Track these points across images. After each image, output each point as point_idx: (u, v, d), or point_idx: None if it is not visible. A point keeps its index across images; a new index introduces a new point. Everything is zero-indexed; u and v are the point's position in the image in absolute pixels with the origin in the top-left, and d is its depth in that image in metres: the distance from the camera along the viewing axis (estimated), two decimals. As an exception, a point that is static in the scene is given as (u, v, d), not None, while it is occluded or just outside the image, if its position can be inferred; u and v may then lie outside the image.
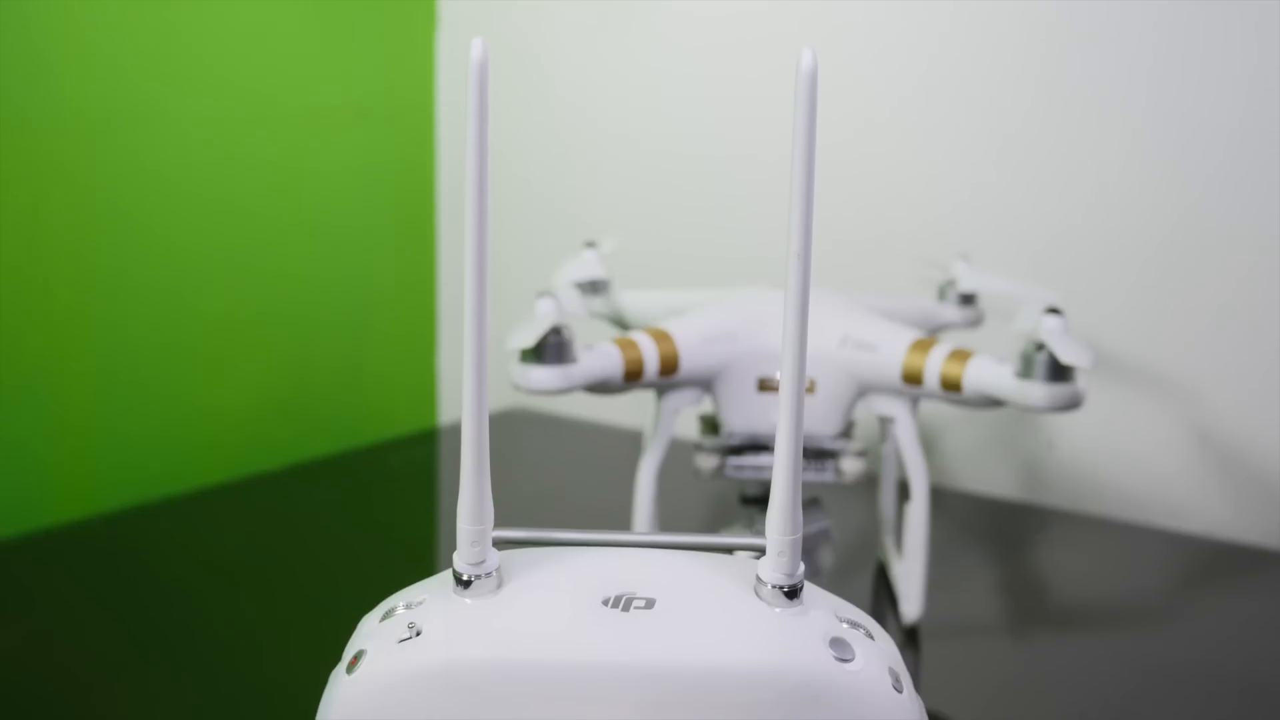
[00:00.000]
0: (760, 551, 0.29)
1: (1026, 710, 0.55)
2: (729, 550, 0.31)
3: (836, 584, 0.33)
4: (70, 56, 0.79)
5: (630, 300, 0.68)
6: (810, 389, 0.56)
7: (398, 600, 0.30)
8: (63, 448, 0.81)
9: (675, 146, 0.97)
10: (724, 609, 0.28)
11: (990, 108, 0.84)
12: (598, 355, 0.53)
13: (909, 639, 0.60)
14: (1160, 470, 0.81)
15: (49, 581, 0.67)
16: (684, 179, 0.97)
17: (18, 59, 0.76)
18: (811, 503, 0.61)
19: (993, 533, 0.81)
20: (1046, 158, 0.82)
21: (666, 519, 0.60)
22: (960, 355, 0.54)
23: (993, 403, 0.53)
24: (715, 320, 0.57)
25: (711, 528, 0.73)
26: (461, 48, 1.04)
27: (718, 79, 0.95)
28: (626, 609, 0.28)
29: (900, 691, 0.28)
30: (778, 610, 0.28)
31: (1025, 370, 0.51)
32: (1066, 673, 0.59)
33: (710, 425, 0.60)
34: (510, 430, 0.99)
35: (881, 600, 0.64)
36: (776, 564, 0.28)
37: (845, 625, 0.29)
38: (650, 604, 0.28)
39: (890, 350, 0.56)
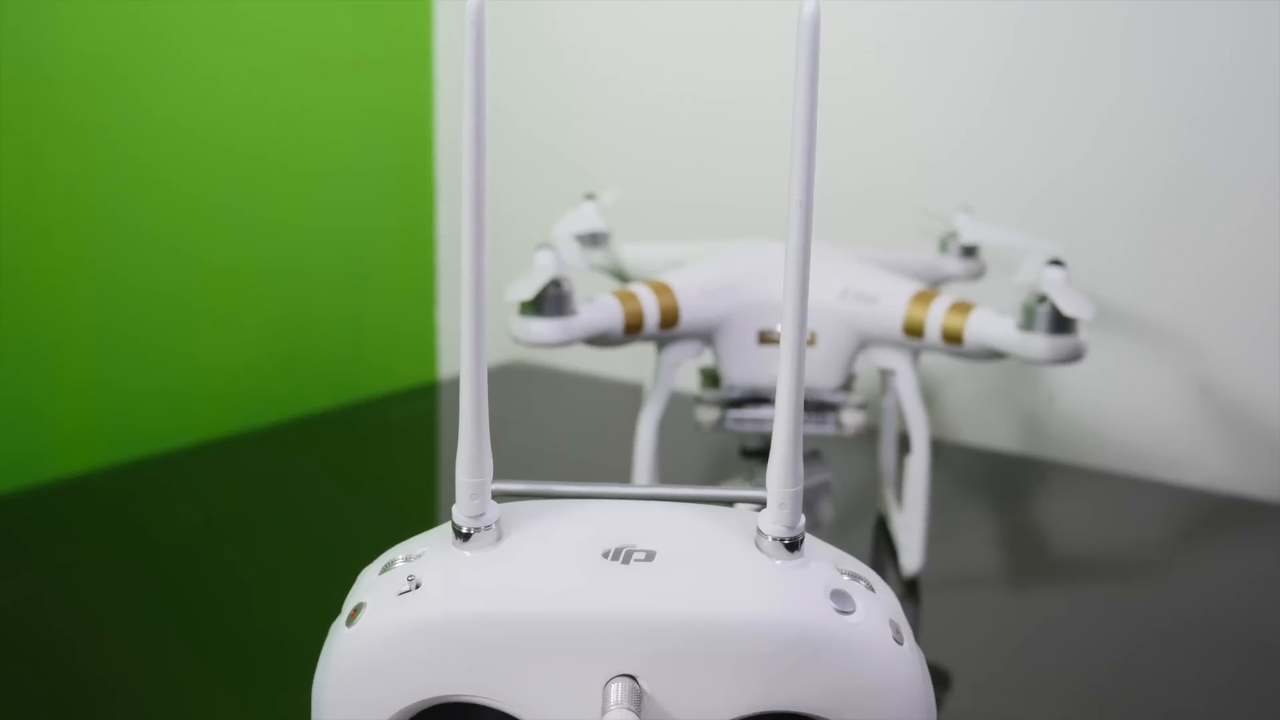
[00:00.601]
0: (761, 504, 0.29)
1: (1026, 662, 0.56)
2: (729, 503, 0.31)
3: (837, 536, 0.33)
4: (70, 6, 0.78)
5: (630, 253, 0.68)
6: (811, 341, 0.56)
7: (397, 553, 0.30)
8: (61, 402, 0.81)
9: (676, 95, 0.96)
10: (724, 561, 0.28)
11: (989, 55, 0.83)
12: (597, 308, 0.53)
13: (909, 591, 0.60)
14: (1161, 423, 0.81)
15: (47, 536, 0.67)
16: (685, 129, 0.96)
17: (17, 6, 0.75)
18: (812, 455, 0.61)
19: (993, 485, 0.81)
20: (1045, 106, 0.82)
21: (667, 472, 0.60)
22: (962, 307, 0.54)
23: (994, 355, 0.53)
24: (715, 272, 0.57)
25: (712, 481, 0.73)
26: (459, -2, 1.03)
27: (719, 28, 0.94)
28: (626, 561, 0.28)
29: (901, 643, 0.28)
30: (778, 562, 0.28)
31: (1027, 322, 0.51)
32: (1066, 625, 0.59)
33: (710, 378, 0.60)
34: (510, 384, 0.99)
35: (881, 552, 0.64)
36: (777, 516, 0.28)
37: (846, 577, 0.29)
38: (650, 556, 0.28)
39: (891, 302, 0.55)
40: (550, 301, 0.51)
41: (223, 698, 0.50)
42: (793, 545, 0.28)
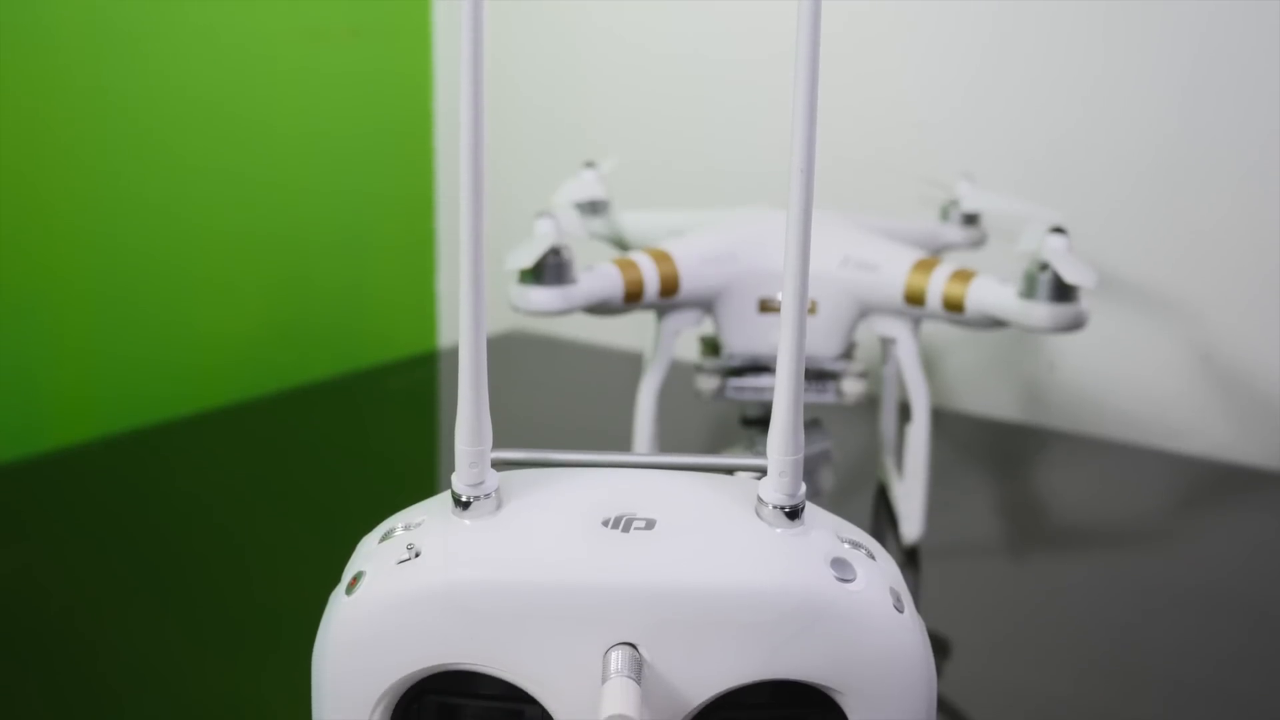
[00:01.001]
0: (761, 472, 0.29)
1: (1025, 630, 0.56)
2: (730, 471, 0.31)
3: (837, 505, 0.33)
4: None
5: (630, 221, 0.67)
6: (811, 310, 0.56)
7: (396, 521, 0.30)
8: (60, 371, 0.81)
9: (676, 62, 0.96)
10: (725, 529, 0.28)
11: (991, 22, 0.83)
12: (597, 276, 0.52)
13: (909, 559, 0.60)
14: (1161, 391, 0.81)
15: (46, 506, 0.67)
16: (685, 96, 0.96)
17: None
18: (812, 424, 0.60)
19: (993, 454, 0.81)
20: (1046, 72, 0.81)
21: (667, 441, 0.60)
22: (963, 275, 0.54)
23: (995, 323, 0.53)
24: (716, 240, 0.57)
25: (712, 449, 0.73)
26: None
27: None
28: (626, 530, 0.28)
29: (901, 611, 0.28)
30: (779, 530, 0.28)
31: (1028, 290, 0.51)
32: (1065, 593, 0.59)
33: (711, 346, 0.60)
34: (509, 353, 0.98)
35: (882, 521, 0.64)
36: (778, 484, 0.28)
37: (846, 545, 0.29)
38: (650, 524, 0.28)
39: (892, 270, 0.55)
40: (550, 270, 0.50)
41: (222, 667, 0.51)
42: (793, 513, 0.28)
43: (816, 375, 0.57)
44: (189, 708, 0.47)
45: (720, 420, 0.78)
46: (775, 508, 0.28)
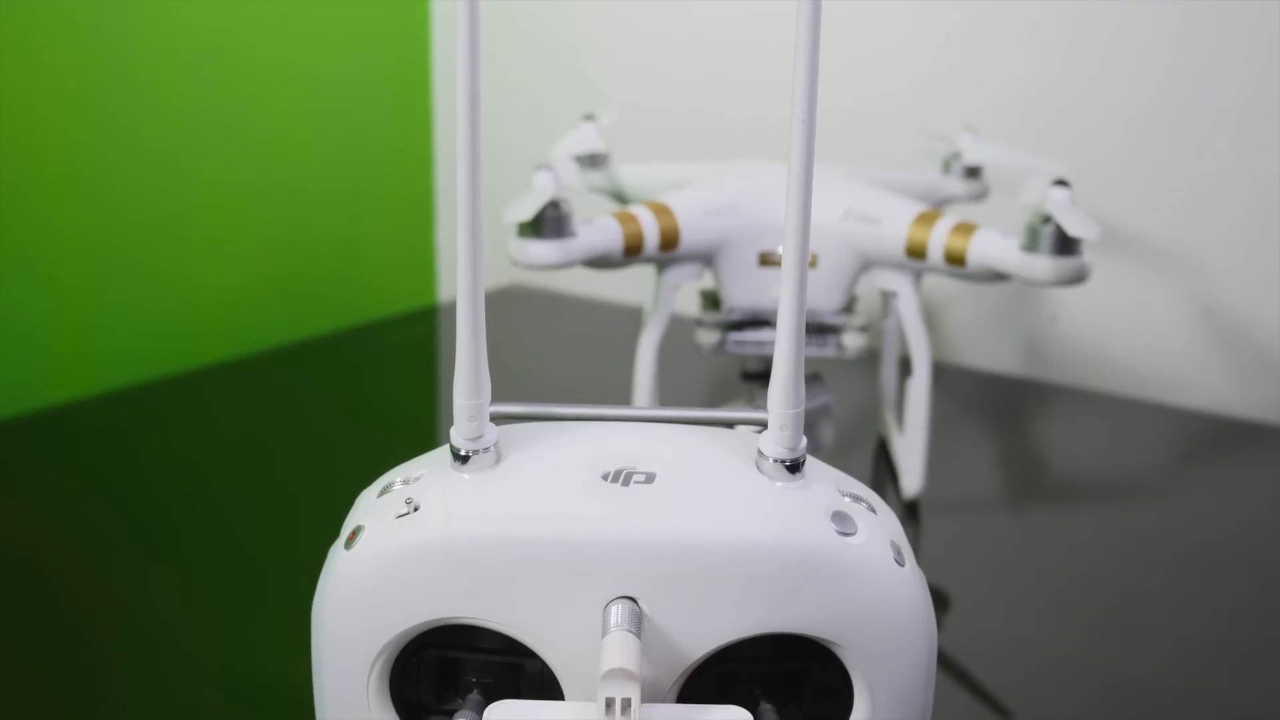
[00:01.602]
0: (762, 426, 0.29)
1: (1025, 583, 0.56)
2: (730, 424, 0.31)
3: (837, 459, 0.32)
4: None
5: (630, 174, 0.67)
6: (812, 263, 0.56)
7: (395, 475, 0.30)
8: (60, 326, 0.81)
9: (677, 13, 0.95)
10: (725, 483, 0.28)
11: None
12: (596, 229, 0.52)
13: (909, 513, 0.60)
14: (1162, 345, 0.80)
15: (46, 462, 0.67)
16: (686, 46, 0.95)
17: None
18: (813, 378, 0.60)
19: (994, 408, 0.81)
20: (1050, 23, 0.80)
21: (667, 395, 0.60)
22: (965, 228, 0.53)
23: (997, 276, 0.53)
24: (716, 193, 0.57)
25: (712, 404, 0.73)
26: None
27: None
28: (626, 483, 0.28)
29: (902, 565, 0.28)
30: (779, 484, 0.28)
31: (1031, 243, 0.50)
32: (1065, 546, 0.60)
33: (711, 300, 0.60)
34: (509, 307, 0.98)
35: (882, 475, 0.64)
36: (778, 438, 0.28)
37: (847, 499, 0.29)
38: (650, 478, 0.28)
39: (894, 223, 0.55)
40: (549, 223, 0.50)
41: (221, 622, 0.51)
42: (794, 467, 0.28)
43: (817, 329, 0.57)
44: (188, 663, 0.47)
45: (720, 374, 0.78)
46: (776, 461, 0.28)
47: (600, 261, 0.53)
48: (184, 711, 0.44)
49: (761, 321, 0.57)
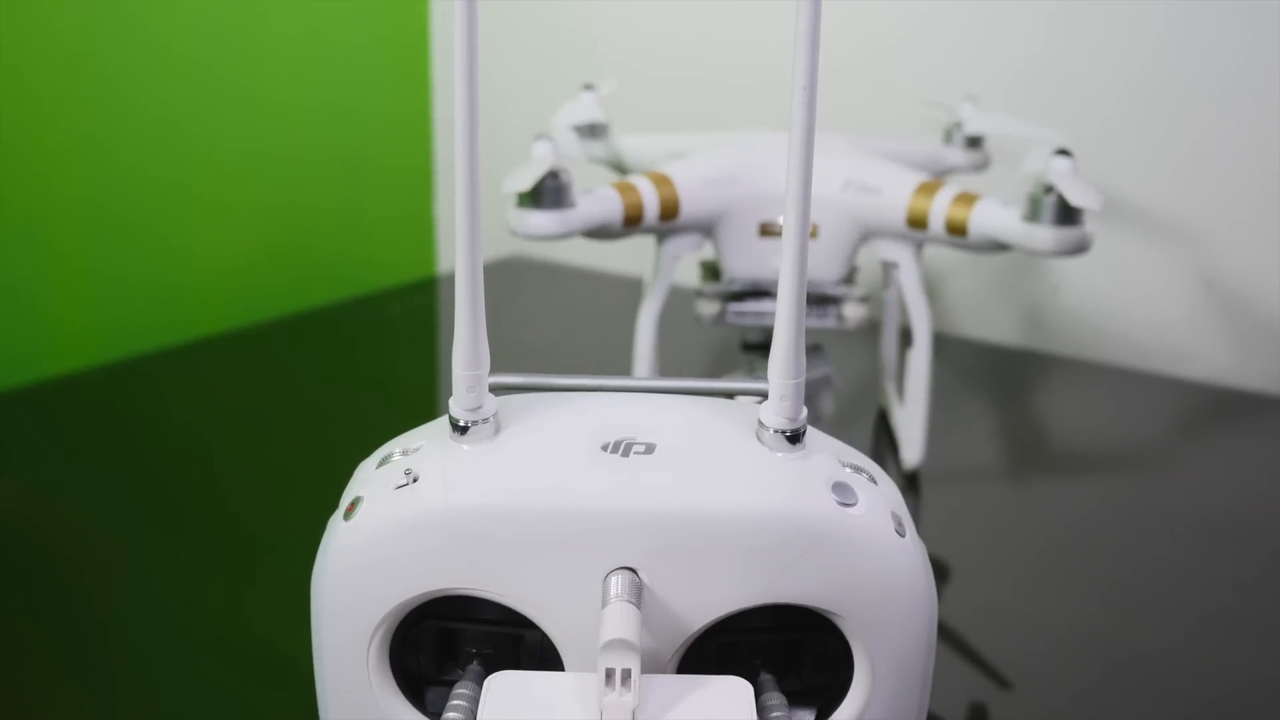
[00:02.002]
0: (762, 396, 0.29)
1: (1026, 555, 0.56)
2: (730, 395, 0.31)
3: (838, 430, 0.32)
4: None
5: (629, 144, 0.67)
6: (813, 233, 0.56)
7: (394, 446, 0.30)
8: (58, 297, 0.80)
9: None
10: (725, 454, 0.28)
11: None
12: (596, 199, 0.52)
13: (910, 484, 0.60)
14: (1164, 316, 0.80)
15: (45, 435, 0.67)
16: (686, 15, 0.95)
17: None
18: (813, 349, 0.60)
19: (994, 379, 0.81)
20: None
21: (667, 366, 0.60)
22: (966, 198, 0.53)
23: (998, 247, 0.53)
24: (716, 163, 0.57)
25: (712, 375, 0.73)
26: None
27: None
28: (626, 454, 0.28)
29: (903, 535, 0.28)
30: (780, 455, 0.28)
31: (1032, 213, 0.50)
32: (1066, 517, 0.60)
33: (711, 271, 0.59)
34: (508, 278, 0.98)
35: (882, 446, 0.64)
36: (779, 408, 0.28)
37: (848, 470, 0.29)
38: (650, 449, 0.28)
39: (895, 193, 0.55)
40: (548, 193, 0.50)
41: (220, 593, 0.51)
42: (794, 437, 0.28)
43: (817, 300, 0.57)
44: (186, 636, 0.47)
45: (720, 345, 0.78)
46: (776, 432, 0.28)
47: (600, 232, 0.53)
48: (183, 684, 0.44)
49: (762, 292, 0.57)
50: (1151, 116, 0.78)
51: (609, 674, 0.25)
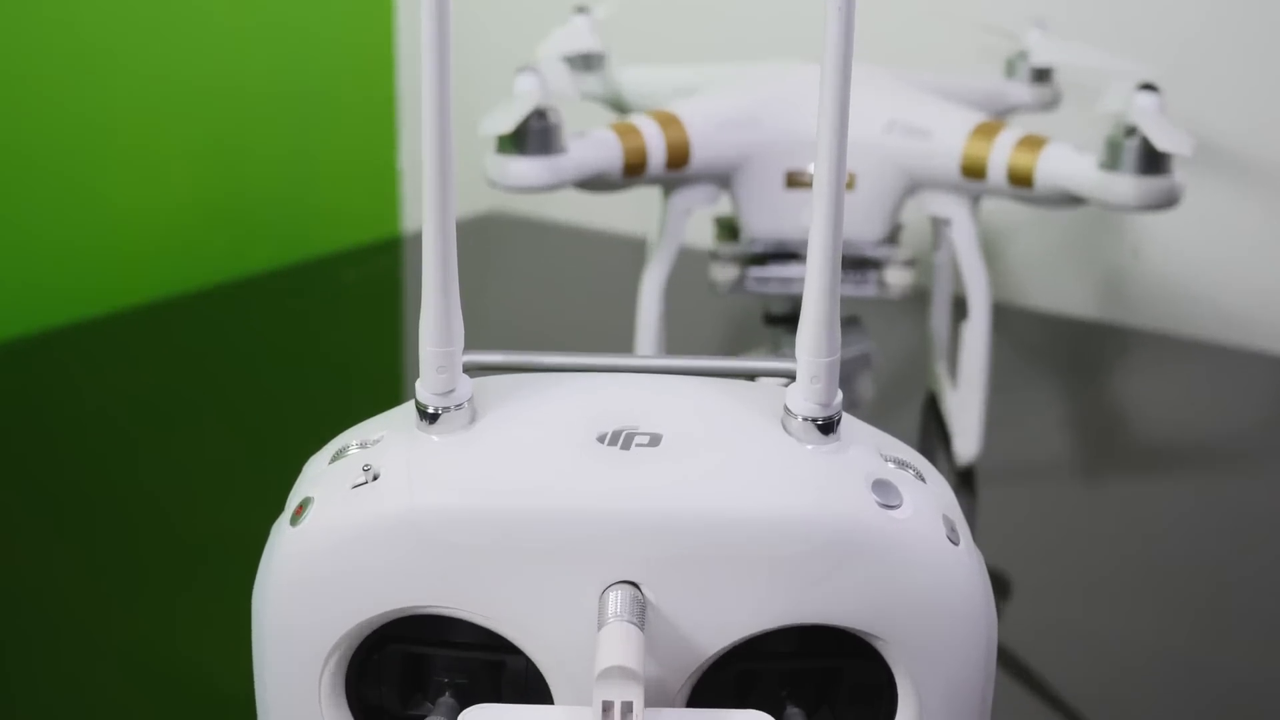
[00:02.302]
0: (789, 377, 0.29)
1: (1101, 567, 0.56)
2: (751, 376, 0.31)
3: (879, 417, 0.32)
4: None
5: (631, 78, 0.67)
6: (850, 184, 0.56)
7: (350, 438, 0.30)
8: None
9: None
10: (745, 446, 0.28)
11: None
12: (591, 144, 0.52)
13: (964, 482, 0.60)
14: (1266, 284, 0.80)
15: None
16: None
17: None
18: (850, 322, 0.60)
19: (1065, 358, 0.81)
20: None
21: (675, 342, 0.60)
22: (1032, 142, 0.53)
23: (1070, 200, 0.53)
24: (734, 101, 0.57)
25: (729, 353, 0.73)
26: None
27: None
28: (627, 446, 0.28)
29: (956, 543, 0.28)
30: (810, 447, 0.28)
31: (1111, 160, 0.50)
32: (1150, 523, 0.60)
33: (728, 229, 0.60)
34: (487, 237, 0.98)
35: (932, 437, 0.65)
36: (809, 392, 0.28)
37: (891, 465, 0.29)
38: (655, 440, 0.28)
39: (947, 137, 0.55)
40: (534, 136, 0.50)
41: (147, 613, 0.51)
42: (827, 426, 0.28)
43: (855, 263, 0.57)
44: (105, 663, 0.47)
45: (739, 317, 0.78)
46: (806, 420, 0.28)
47: (595, 182, 0.53)
48: (99, 718, 0.45)
49: (788, 254, 0.57)
50: (1253, 43, 0.78)
51: (606, 708, 0.25)
